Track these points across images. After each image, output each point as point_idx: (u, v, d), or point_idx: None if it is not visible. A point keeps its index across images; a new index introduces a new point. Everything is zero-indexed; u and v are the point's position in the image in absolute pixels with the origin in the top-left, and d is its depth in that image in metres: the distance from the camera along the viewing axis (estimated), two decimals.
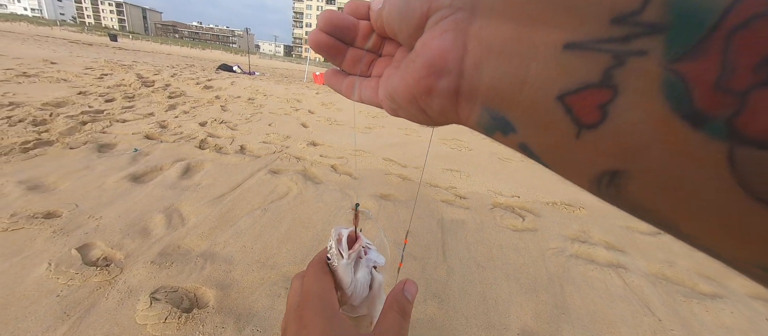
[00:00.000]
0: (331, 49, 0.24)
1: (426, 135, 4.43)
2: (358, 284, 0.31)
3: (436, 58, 0.17)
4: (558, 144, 0.14)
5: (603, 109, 0.12)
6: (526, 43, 0.14)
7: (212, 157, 2.55)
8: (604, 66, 0.12)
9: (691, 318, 1.46)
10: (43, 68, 5.66)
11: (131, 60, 10.00)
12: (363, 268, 0.31)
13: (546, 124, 0.14)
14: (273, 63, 32.41)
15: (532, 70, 0.13)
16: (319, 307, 0.28)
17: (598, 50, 0.12)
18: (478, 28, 0.15)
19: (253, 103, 5.20)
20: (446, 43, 0.16)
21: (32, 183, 1.80)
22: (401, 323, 0.29)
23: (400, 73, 0.20)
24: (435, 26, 0.17)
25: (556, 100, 0.13)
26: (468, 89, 0.16)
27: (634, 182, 0.12)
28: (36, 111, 3.04)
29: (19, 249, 1.32)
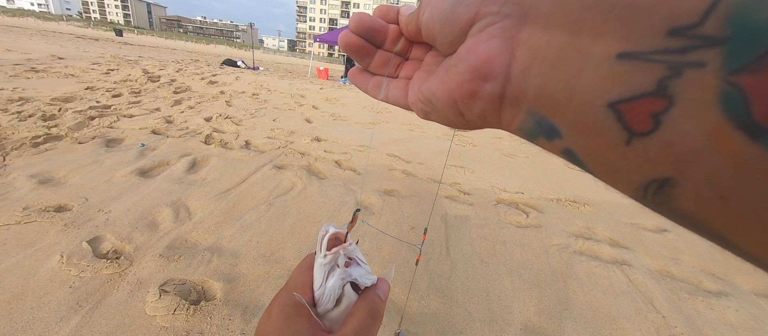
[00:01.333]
0: (360, 50, 0.25)
1: (430, 131, 4.42)
2: (326, 292, 0.28)
3: (482, 63, 0.17)
4: (606, 150, 0.14)
5: (656, 118, 0.12)
6: (577, 52, 0.14)
7: (218, 152, 2.58)
8: (659, 76, 0.12)
9: (695, 315, 1.45)
10: (51, 64, 5.73)
11: (137, 55, 10.07)
12: (336, 278, 0.28)
13: (595, 131, 0.14)
14: (277, 58, 32.40)
15: (583, 78, 0.14)
16: (285, 302, 0.28)
17: (653, 61, 0.12)
18: (527, 35, 0.16)
19: (257, 99, 5.22)
20: (493, 48, 0.17)
21: (43, 177, 1.84)
22: (370, 325, 0.27)
23: (439, 76, 0.21)
24: (481, 32, 0.17)
25: (607, 107, 0.13)
26: (514, 94, 0.17)
27: (684, 191, 0.12)
28: (45, 106, 3.09)
29: (32, 241, 1.35)
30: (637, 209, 2.51)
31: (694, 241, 2.12)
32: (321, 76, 11.54)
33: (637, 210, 2.50)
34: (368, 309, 0.28)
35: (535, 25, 0.15)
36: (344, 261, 0.29)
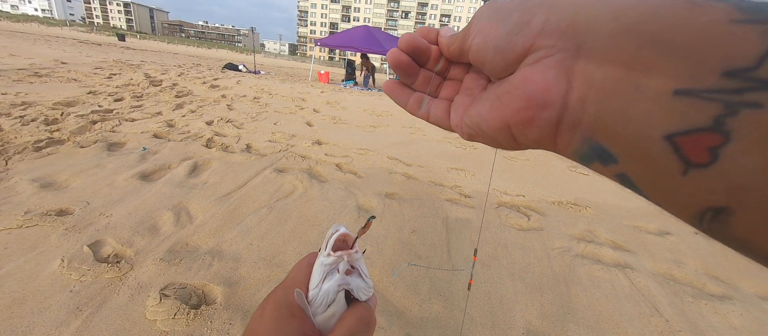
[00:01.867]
0: (408, 68, 0.27)
1: (431, 134, 4.42)
2: (320, 294, 0.27)
3: (540, 93, 0.18)
4: (662, 179, 0.15)
5: (713, 152, 0.13)
6: (633, 85, 0.15)
7: (219, 155, 2.58)
8: (715, 113, 0.13)
9: (699, 319, 1.44)
10: (54, 68, 5.77)
11: (139, 59, 10.13)
12: (334, 283, 0.27)
13: (651, 160, 0.15)
14: (278, 62, 32.55)
15: (640, 110, 0.14)
16: (279, 301, 0.28)
17: (709, 99, 0.13)
18: (582, 67, 0.17)
19: (258, 102, 5.23)
20: (551, 79, 0.18)
21: (45, 181, 1.84)
22: (362, 332, 0.27)
23: (490, 102, 0.22)
24: (536, 63, 0.18)
25: (664, 138, 0.14)
26: (570, 121, 0.18)
27: (740, 220, 0.13)
28: (48, 110, 3.11)
29: (34, 245, 1.35)
30: (639, 212, 2.50)
31: (697, 245, 2.11)
32: (322, 80, 11.59)
33: (640, 213, 2.49)
34: (361, 315, 0.27)
35: (589, 58, 0.16)
36: (346, 268, 0.28)
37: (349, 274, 0.28)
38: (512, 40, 0.19)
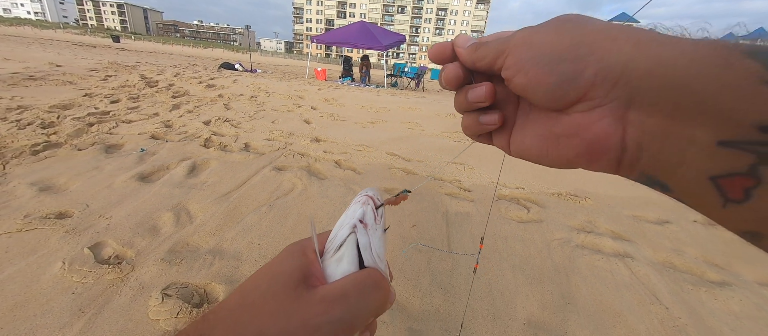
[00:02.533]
0: (460, 81, 0.28)
1: (429, 128, 4.42)
2: (336, 237, 0.27)
3: (600, 140, 0.20)
4: (707, 208, 0.18)
5: (747, 192, 0.16)
6: (684, 136, 0.17)
7: (217, 155, 2.58)
8: (751, 161, 0.15)
9: (698, 306, 1.45)
10: (49, 71, 5.73)
11: (134, 61, 10.07)
12: (347, 224, 0.27)
13: (699, 194, 0.18)
14: (275, 60, 32.37)
15: (689, 155, 0.17)
16: (294, 247, 0.27)
17: (746, 149, 0.15)
18: (635, 116, 0.19)
19: (255, 101, 5.21)
20: (608, 127, 0.20)
21: (43, 184, 1.84)
22: (369, 291, 0.24)
23: (547, 140, 0.24)
24: (591, 111, 0.20)
25: (709, 179, 0.17)
26: (629, 160, 0.20)
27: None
28: (44, 114, 3.09)
29: (34, 248, 1.35)
30: (638, 201, 2.51)
31: (696, 233, 2.12)
32: (319, 77, 11.54)
33: (639, 202, 2.50)
34: (372, 276, 0.25)
35: (641, 109, 0.19)
36: (362, 214, 0.27)
37: (363, 225, 0.27)
38: (565, 88, 0.21)
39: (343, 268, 0.25)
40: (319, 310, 0.22)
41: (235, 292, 0.25)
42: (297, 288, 0.23)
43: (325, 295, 0.23)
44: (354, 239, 0.26)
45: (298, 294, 0.22)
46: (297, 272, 0.24)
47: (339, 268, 0.25)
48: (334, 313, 0.22)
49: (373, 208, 0.28)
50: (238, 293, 0.24)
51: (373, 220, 0.28)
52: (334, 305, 0.22)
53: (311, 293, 0.23)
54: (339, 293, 0.23)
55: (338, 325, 0.22)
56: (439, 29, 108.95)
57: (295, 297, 0.22)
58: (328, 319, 0.22)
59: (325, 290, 0.23)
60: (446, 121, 4.97)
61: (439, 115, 5.48)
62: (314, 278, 0.24)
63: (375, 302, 0.24)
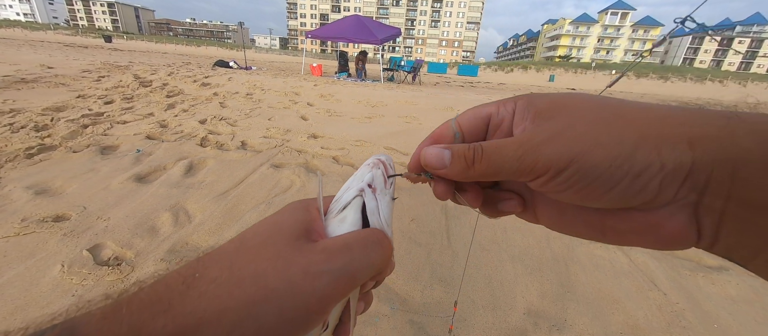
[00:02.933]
0: (452, 194, 0.28)
1: (426, 123, 4.41)
2: (342, 197, 0.27)
3: (675, 235, 0.20)
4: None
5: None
6: (758, 226, 0.17)
7: (214, 154, 2.56)
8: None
9: (696, 291, 1.47)
10: (41, 73, 5.66)
11: (127, 60, 9.95)
12: (355, 186, 0.27)
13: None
14: (269, 57, 32.11)
15: (764, 241, 0.17)
16: (299, 203, 0.27)
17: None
18: (709, 203, 0.18)
19: (251, 99, 5.18)
20: (682, 222, 0.19)
21: (39, 187, 1.82)
22: (371, 249, 0.23)
23: (602, 231, 0.23)
24: (661, 209, 0.20)
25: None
26: (706, 245, 0.20)
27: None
28: (37, 116, 3.06)
29: (32, 252, 1.34)
30: None
31: None
32: (315, 73, 11.46)
33: None
34: (376, 234, 0.25)
35: (716, 197, 0.18)
36: (371, 178, 0.27)
37: (371, 189, 0.27)
38: (627, 199, 0.20)
39: (344, 228, 0.25)
40: (320, 259, 0.21)
41: (233, 239, 0.24)
42: (298, 239, 0.22)
43: (326, 246, 0.22)
44: (360, 202, 0.26)
45: (300, 244, 0.22)
46: (299, 225, 0.24)
47: (340, 228, 0.25)
48: (336, 263, 0.21)
49: (383, 172, 0.28)
50: (237, 240, 0.23)
51: (383, 185, 0.27)
52: (336, 255, 0.22)
53: (312, 244, 0.22)
54: (341, 244, 0.23)
55: (339, 274, 0.21)
56: (434, 22, 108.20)
57: (296, 246, 0.22)
58: (329, 267, 0.21)
59: (326, 242, 0.23)
60: (443, 114, 4.96)
61: (437, 108, 5.47)
62: (315, 233, 0.24)
63: (378, 258, 0.23)
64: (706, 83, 40.73)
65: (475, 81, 20.27)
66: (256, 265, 0.20)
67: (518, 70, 45.24)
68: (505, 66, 48.58)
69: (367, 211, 0.26)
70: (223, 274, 0.20)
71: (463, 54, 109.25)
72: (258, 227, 0.24)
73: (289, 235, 0.23)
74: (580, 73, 44.50)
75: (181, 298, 0.18)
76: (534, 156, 0.21)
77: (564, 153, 0.20)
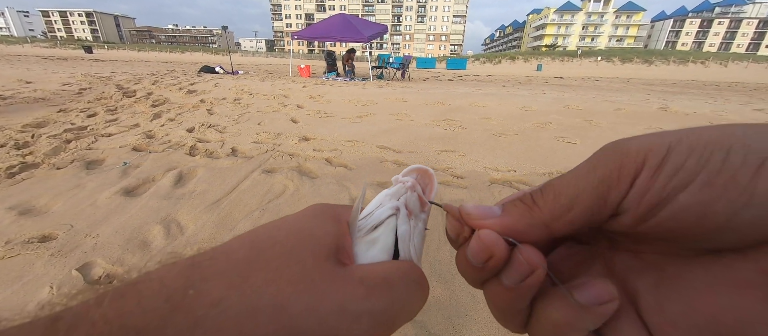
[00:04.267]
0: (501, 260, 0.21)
1: (418, 118, 4.41)
2: (372, 216, 0.23)
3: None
4: None
5: None
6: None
7: (204, 162, 2.52)
8: None
9: None
10: (19, 89, 5.48)
11: (109, 71, 9.72)
12: (388, 204, 0.23)
13: None
14: (256, 60, 31.72)
15: None
16: (322, 207, 0.22)
17: None
18: None
19: (239, 104, 5.10)
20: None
21: (23, 208, 1.76)
22: (411, 290, 0.20)
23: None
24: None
25: None
26: None
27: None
28: (17, 134, 2.96)
29: (19, 276, 1.30)
30: None
31: None
32: (303, 74, 11.35)
33: None
34: (417, 271, 0.21)
35: None
36: (406, 200, 0.23)
37: (407, 212, 0.23)
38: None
39: (373, 253, 0.21)
40: (359, 295, 0.17)
41: (241, 238, 0.18)
42: (328, 259, 0.18)
43: (365, 278, 0.18)
44: (394, 223, 0.22)
45: (331, 268, 0.17)
46: (329, 239, 0.19)
47: (369, 251, 0.21)
48: (378, 302, 0.17)
49: (420, 195, 0.24)
50: (246, 243, 0.17)
51: (419, 210, 0.24)
52: (377, 292, 0.17)
53: (346, 271, 0.18)
54: (382, 279, 0.18)
55: (381, 318, 0.17)
56: (420, 16, 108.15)
57: (328, 271, 0.17)
58: (369, 307, 0.17)
59: (362, 271, 0.18)
60: (434, 109, 4.96)
61: (427, 103, 5.46)
62: (345, 253, 0.19)
63: (418, 303, 0.19)
64: (689, 65, 41.59)
65: (464, 74, 20.35)
66: (276, 288, 0.15)
67: (506, 61, 45.59)
68: (493, 58, 48.88)
69: (399, 237, 0.22)
70: (230, 296, 0.14)
71: (451, 48, 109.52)
72: (275, 231, 0.19)
73: (318, 252, 0.18)
74: (567, 60, 45.05)
75: (158, 333, 0.12)
76: (617, 153, 0.16)
77: (659, 139, 0.15)
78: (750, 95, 8.52)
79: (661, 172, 0.15)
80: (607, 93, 7.78)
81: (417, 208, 0.24)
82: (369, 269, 0.19)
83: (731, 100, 6.71)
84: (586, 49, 59.92)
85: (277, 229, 0.19)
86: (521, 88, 8.77)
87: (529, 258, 0.17)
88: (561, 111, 4.78)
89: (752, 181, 0.13)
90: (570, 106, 5.07)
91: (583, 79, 16.41)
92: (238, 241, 0.18)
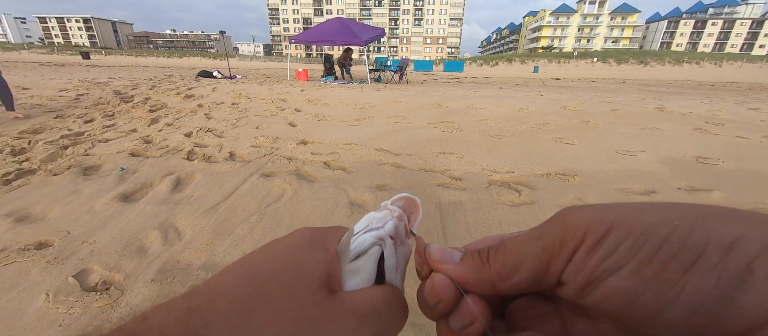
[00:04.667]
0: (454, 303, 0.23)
1: (416, 121, 4.41)
2: (356, 242, 0.24)
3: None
4: None
5: None
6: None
7: (202, 167, 2.51)
8: None
9: None
10: (16, 95, 5.46)
11: (107, 76, 9.70)
12: (373, 232, 0.24)
13: None
14: (254, 64, 31.76)
15: None
16: (311, 231, 0.24)
17: None
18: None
19: (237, 108, 5.10)
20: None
21: (19, 214, 1.75)
22: (394, 316, 0.22)
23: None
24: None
25: None
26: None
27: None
28: (13, 140, 2.95)
29: (14, 283, 1.29)
30: (623, 175, 2.57)
31: (682, 200, 2.19)
32: (301, 78, 11.37)
33: (624, 175, 2.56)
34: (400, 298, 0.22)
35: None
36: (392, 231, 0.25)
37: (392, 241, 0.25)
38: (728, 311, 0.12)
39: (357, 280, 0.22)
40: (351, 326, 0.18)
41: (234, 272, 0.19)
42: (321, 290, 0.19)
43: (355, 309, 0.19)
44: (377, 252, 0.23)
45: (324, 300, 0.19)
46: (320, 269, 0.20)
47: (353, 279, 0.22)
48: (366, 331, 0.18)
49: (406, 225, 0.26)
50: (243, 278, 0.18)
51: (404, 237, 0.26)
52: (367, 322, 0.19)
53: (339, 302, 0.19)
54: (370, 309, 0.20)
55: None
56: (417, 19, 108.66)
57: (321, 303, 0.18)
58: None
59: (353, 301, 0.20)
60: (432, 112, 4.97)
61: (425, 106, 5.48)
62: (334, 280, 0.21)
63: (399, 326, 0.21)
64: (684, 65, 41.88)
65: (462, 76, 20.44)
66: (278, 327, 0.16)
67: (503, 63, 45.82)
68: (490, 60, 49.13)
69: (386, 266, 0.24)
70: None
71: (448, 50, 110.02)
72: (270, 263, 0.20)
73: (312, 285, 0.19)
74: (563, 62, 45.31)
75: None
76: (559, 225, 0.16)
77: (602, 214, 0.15)
78: (745, 95, 8.58)
79: (595, 251, 0.15)
80: (603, 94, 7.82)
81: (403, 235, 0.26)
82: (359, 298, 0.20)
83: (727, 100, 6.76)
84: (582, 51, 60.31)
85: (270, 260, 0.20)
86: (518, 90, 8.81)
87: (470, 310, 0.19)
88: (558, 112, 4.80)
89: (682, 278, 0.13)
90: (567, 107, 5.09)
91: (580, 81, 16.50)
92: (233, 276, 0.19)
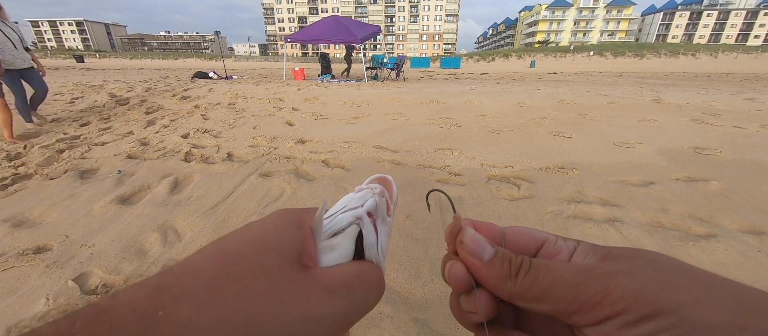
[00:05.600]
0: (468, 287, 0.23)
1: (414, 117, 4.41)
2: (333, 221, 0.24)
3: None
4: None
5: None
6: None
7: (200, 168, 2.50)
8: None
9: (687, 260, 1.50)
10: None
11: (101, 79, 9.63)
12: (351, 211, 0.24)
13: None
14: (250, 64, 31.61)
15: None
16: (287, 215, 0.23)
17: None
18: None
19: (234, 108, 5.08)
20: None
21: (16, 219, 1.74)
22: (369, 290, 0.22)
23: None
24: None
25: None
26: None
27: None
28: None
29: (14, 288, 1.28)
30: (622, 167, 2.58)
31: (680, 191, 2.20)
32: (297, 77, 11.33)
33: (623, 167, 2.56)
34: (376, 272, 0.22)
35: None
36: (371, 207, 0.24)
37: (371, 218, 0.24)
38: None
39: (332, 257, 0.22)
40: (321, 300, 0.18)
41: (206, 253, 0.18)
42: (293, 266, 0.19)
43: (327, 283, 0.19)
44: (355, 230, 0.23)
45: (295, 275, 0.19)
46: (292, 246, 0.20)
47: (328, 256, 0.22)
48: (338, 306, 0.19)
49: (387, 201, 0.25)
50: (215, 257, 0.18)
51: (384, 215, 0.25)
52: (337, 296, 0.19)
53: (310, 276, 0.19)
54: (343, 282, 0.20)
55: (340, 320, 0.18)
56: (413, 17, 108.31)
57: (292, 278, 0.18)
58: (330, 311, 0.18)
59: (325, 276, 0.20)
60: (430, 108, 4.97)
61: (422, 103, 5.47)
62: (308, 257, 0.20)
63: (374, 300, 0.21)
64: (680, 57, 41.97)
65: (459, 73, 20.42)
66: (246, 303, 0.16)
67: (500, 59, 45.77)
68: (487, 55, 49.07)
69: (365, 244, 0.23)
70: (201, 316, 0.14)
71: (445, 47, 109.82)
72: (240, 243, 0.19)
73: (282, 261, 0.19)
74: (560, 56, 45.32)
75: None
76: (602, 285, 0.16)
77: (653, 293, 0.15)
78: (741, 85, 8.62)
79: (630, 329, 0.15)
80: (600, 87, 7.84)
81: (384, 213, 0.25)
82: (332, 273, 0.20)
83: (723, 91, 6.79)
84: (579, 45, 60.34)
85: (240, 238, 0.20)
86: (515, 85, 8.81)
87: (475, 303, 0.21)
88: (556, 106, 4.80)
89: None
90: (564, 101, 5.10)
91: (577, 74, 16.52)
92: (204, 257, 0.18)
